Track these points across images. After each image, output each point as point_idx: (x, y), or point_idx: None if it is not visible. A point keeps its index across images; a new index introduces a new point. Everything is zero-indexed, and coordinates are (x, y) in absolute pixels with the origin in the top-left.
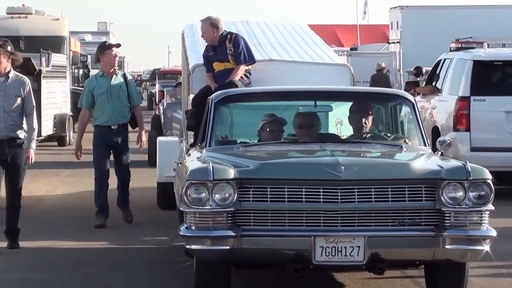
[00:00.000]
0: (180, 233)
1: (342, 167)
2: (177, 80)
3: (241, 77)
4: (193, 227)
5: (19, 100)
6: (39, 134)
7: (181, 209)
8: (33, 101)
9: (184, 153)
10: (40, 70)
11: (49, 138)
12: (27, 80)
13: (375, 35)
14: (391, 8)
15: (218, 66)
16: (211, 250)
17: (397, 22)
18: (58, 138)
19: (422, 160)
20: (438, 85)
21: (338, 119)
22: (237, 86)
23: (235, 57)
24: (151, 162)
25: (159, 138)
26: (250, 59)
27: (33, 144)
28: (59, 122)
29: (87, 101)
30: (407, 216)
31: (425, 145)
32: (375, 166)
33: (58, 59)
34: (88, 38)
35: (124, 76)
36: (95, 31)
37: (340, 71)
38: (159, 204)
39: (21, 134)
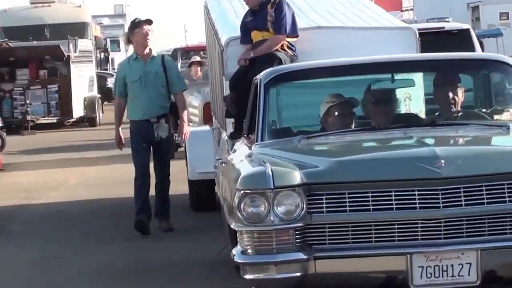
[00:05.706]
0: (235, 259)
1: (442, 161)
2: (191, 59)
3: (284, 49)
4: (250, 251)
5: None
6: (71, 116)
7: (232, 226)
8: None
9: (227, 148)
10: (68, 56)
11: (80, 119)
12: None
13: (389, 3)
14: None
15: (256, 36)
16: (277, 279)
17: None
18: (88, 119)
19: None
20: None
21: (407, 93)
22: (281, 61)
23: (274, 25)
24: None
25: (189, 128)
26: (292, 32)
27: None
28: (89, 104)
29: (120, 88)
30: None
31: None
32: (484, 157)
33: (84, 44)
34: (106, 21)
35: (162, 58)
36: (112, 14)
37: (404, 36)
38: (193, 206)
39: None
